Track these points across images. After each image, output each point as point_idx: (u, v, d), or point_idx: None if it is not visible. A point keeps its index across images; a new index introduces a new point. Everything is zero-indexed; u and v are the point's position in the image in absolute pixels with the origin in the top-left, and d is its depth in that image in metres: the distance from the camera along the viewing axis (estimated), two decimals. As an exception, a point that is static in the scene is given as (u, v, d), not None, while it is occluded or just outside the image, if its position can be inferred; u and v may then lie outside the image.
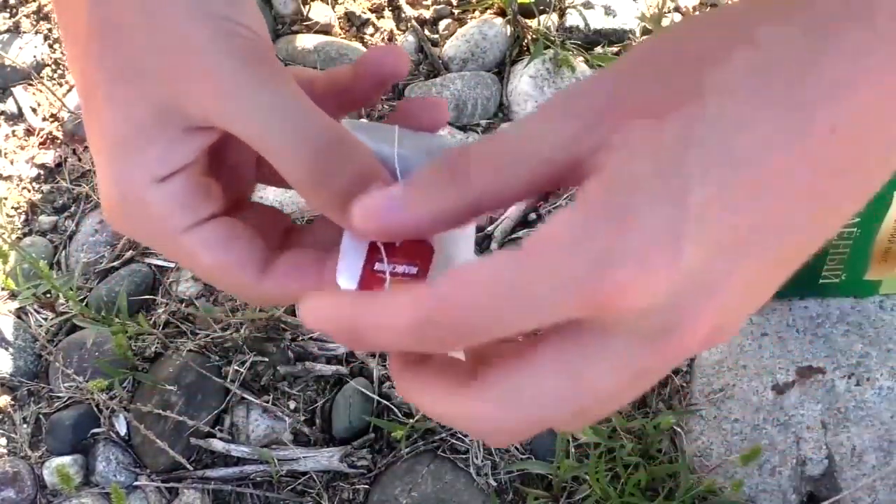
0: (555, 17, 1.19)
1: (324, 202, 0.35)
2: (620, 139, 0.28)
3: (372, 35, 1.22)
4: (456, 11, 1.23)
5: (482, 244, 1.05)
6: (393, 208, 0.31)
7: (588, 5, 1.17)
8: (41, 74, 1.23)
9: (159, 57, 0.35)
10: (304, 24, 1.22)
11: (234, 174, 0.41)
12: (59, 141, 1.19)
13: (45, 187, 1.16)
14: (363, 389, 0.97)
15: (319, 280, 0.37)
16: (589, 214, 0.28)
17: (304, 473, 0.96)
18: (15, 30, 1.27)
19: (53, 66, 1.24)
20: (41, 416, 1.01)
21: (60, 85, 1.23)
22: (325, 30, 1.22)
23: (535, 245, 0.28)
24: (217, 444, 0.96)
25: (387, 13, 1.24)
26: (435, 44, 1.21)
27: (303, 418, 0.98)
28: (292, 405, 0.99)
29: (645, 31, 1.07)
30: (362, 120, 0.39)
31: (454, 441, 0.95)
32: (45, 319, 1.06)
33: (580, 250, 0.27)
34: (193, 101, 0.35)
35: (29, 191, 1.16)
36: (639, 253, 0.27)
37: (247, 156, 0.41)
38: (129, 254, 1.09)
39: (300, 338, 1.01)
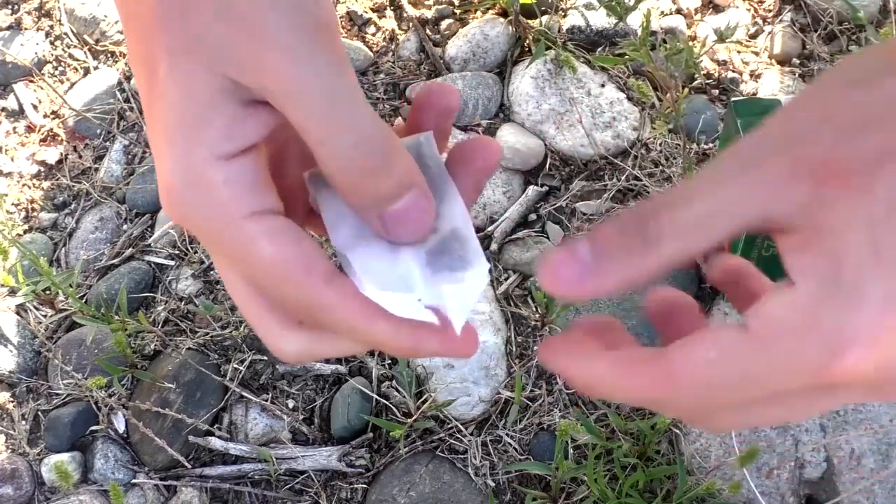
0: (556, 17, 1.19)
1: (360, 200, 0.35)
2: (829, 211, 0.29)
3: (373, 34, 1.22)
4: (457, 11, 1.23)
5: (482, 244, 1.05)
6: (584, 278, 0.31)
7: (590, 6, 1.17)
8: (42, 71, 1.23)
9: (225, 27, 0.34)
10: (306, 22, 1.22)
11: (289, 189, 0.39)
12: (59, 138, 1.19)
13: (46, 184, 1.16)
14: (362, 388, 0.97)
15: (383, 311, 0.35)
16: (815, 295, 0.29)
17: (303, 472, 0.96)
18: (17, 26, 1.27)
19: (55, 63, 1.24)
20: (40, 412, 1.01)
21: (62, 82, 1.23)
22: (327, 29, 1.22)
23: (765, 329, 0.29)
24: (216, 443, 0.96)
25: (388, 13, 1.24)
26: (436, 44, 1.21)
27: (301, 417, 0.98)
28: (291, 404, 0.99)
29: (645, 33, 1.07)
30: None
31: (452, 441, 0.95)
32: (45, 316, 1.06)
33: (812, 335, 0.28)
34: (253, 72, 0.34)
35: (29, 188, 1.16)
36: (869, 331, 0.28)
37: (300, 171, 0.40)
38: (129, 251, 1.09)
39: (299, 337, 1.01)
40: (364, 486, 0.95)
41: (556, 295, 0.31)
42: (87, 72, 1.23)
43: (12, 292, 1.07)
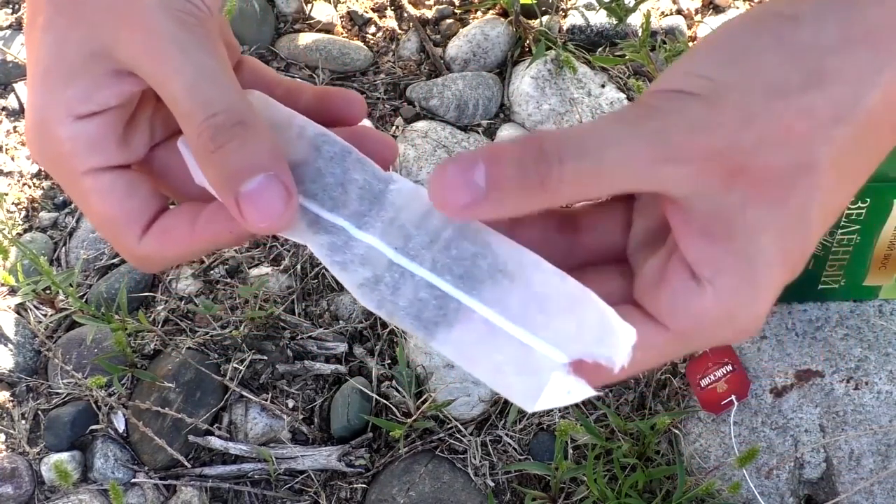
0: (557, 17, 1.19)
1: (210, 177, 0.36)
2: (740, 212, 0.32)
3: (374, 34, 1.22)
4: (458, 11, 1.23)
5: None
6: (475, 205, 0.32)
7: (590, 7, 1.17)
8: (43, 71, 1.23)
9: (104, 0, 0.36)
10: (307, 22, 1.22)
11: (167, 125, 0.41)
12: (60, 137, 1.19)
13: (46, 184, 1.16)
14: (362, 388, 0.97)
15: (189, 241, 0.38)
16: (732, 295, 0.33)
17: (302, 472, 0.96)
18: (17, 26, 1.27)
19: (55, 63, 1.24)
20: (40, 412, 1.01)
21: (62, 81, 1.23)
22: (327, 29, 1.22)
23: (686, 327, 0.34)
24: (215, 442, 0.96)
25: (389, 12, 1.24)
26: (437, 44, 1.21)
27: (301, 417, 0.98)
28: (291, 404, 0.99)
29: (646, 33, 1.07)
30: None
31: (452, 441, 0.96)
32: (45, 316, 1.06)
33: (727, 326, 0.34)
34: (123, 47, 0.36)
35: (30, 187, 1.16)
36: (765, 313, 0.34)
37: None
38: (129, 251, 1.09)
39: (299, 336, 1.01)
40: (364, 485, 0.95)
41: (439, 203, 0.32)
42: (87, 71, 1.23)
43: (12, 291, 1.07)
